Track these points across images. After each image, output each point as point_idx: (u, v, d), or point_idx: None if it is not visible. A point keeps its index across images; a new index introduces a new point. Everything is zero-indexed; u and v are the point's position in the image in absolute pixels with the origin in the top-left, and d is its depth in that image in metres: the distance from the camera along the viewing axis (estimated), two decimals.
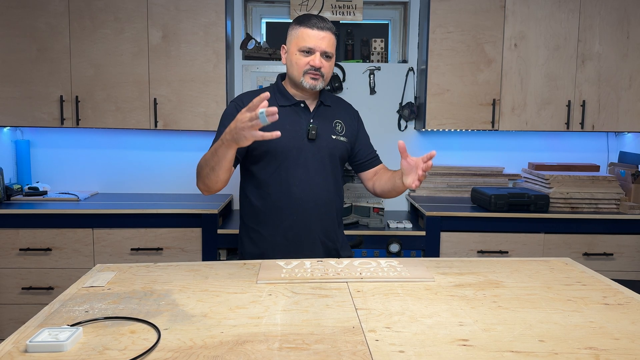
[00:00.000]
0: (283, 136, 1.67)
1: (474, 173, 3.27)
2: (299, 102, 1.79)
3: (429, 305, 1.27)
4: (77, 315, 1.18)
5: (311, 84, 1.73)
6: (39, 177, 3.23)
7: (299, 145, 1.75)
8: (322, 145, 1.78)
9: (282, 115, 1.72)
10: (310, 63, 1.72)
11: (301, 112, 1.79)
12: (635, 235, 2.80)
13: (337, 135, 1.82)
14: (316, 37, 1.71)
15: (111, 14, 2.87)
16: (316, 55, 1.72)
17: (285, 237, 1.78)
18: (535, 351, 1.03)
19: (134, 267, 1.56)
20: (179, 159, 3.27)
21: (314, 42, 1.71)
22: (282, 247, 1.78)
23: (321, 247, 1.81)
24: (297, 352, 1.02)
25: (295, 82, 1.76)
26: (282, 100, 1.79)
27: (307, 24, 1.72)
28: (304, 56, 1.72)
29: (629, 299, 1.33)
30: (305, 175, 1.76)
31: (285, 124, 1.73)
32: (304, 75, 1.73)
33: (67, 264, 2.72)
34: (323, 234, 1.82)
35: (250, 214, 1.83)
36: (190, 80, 2.93)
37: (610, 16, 2.93)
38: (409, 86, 3.26)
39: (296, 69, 1.74)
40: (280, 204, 1.76)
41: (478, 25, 2.95)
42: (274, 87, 1.84)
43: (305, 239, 1.79)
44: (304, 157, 1.76)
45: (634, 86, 2.97)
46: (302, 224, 1.77)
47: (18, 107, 2.89)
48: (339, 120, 1.85)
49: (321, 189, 1.78)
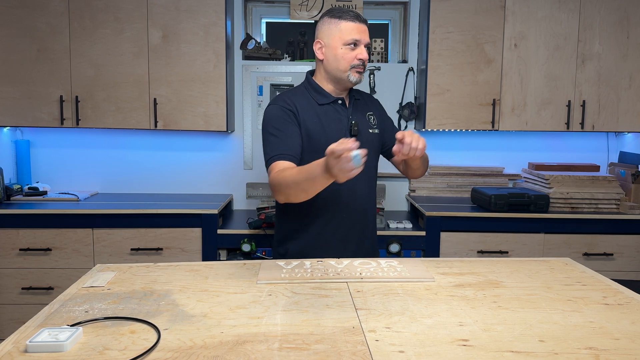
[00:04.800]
0: (329, 134, 1.71)
1: (474, 173, 3.27)
2: (336, 99, 1.78)
3: (429, 305, 1.27)
4: (77, 315, 1.18)
5: (357, 78, 1.72)
6: (39, 177, 3.23)
7: None
8: (363, 141, 1.74)
9: (323, 114, 1.75)
10: (358, 57, 1.70)
11: (340, 108, 1.78)
12: (635, 235, 2.80)
13: (372, 128, 1.83)
14: (359, 29, 1.70)
15: (111, 14, 2.87)
16: (362, 48, 1.71)
17: (334, 234, 1.78)
18: (535, 351, 1.03)
19: (134, 267, 1.56)
20: (179, 159, 3.27)
21: (359, 35, 1.70)
22: (330, 244, 1.78)
23: (367, 241, 1.85)
24: (297, 352, 1.02)
25: (339, 77, 1.73)
26: (320, 98, 1.76)
27: (348, 18, 1.70)
28: (351, 49, 1.70)
29: (629, 299, 1.33)
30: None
31: (330, 121, 1.74)
32: (351, 69, 1.71)
33: (67, 264, 2.72)
34: (368, 230, 1.85)
35: (299, 213, 1.78)
36: (190, 80, 2.93)
37: (610, 16, 2.93)
38: (409, 86, 3.26)
39: (342, 63, 1.71)
40: (330, 202, 1.76)
41: (478, 25, 2.95)
42: (307, 84, 1.81)
43: (352, 236, 1.80)
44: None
45: (634, 86, 2.97)
46: (350, 220, 1.79)
47: (18, 107, 2.89)
48: (370, 112, 1.85)
49: (366, 184, 1.80)
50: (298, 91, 1.80)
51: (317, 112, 1.75)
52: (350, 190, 1.76)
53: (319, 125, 1.72)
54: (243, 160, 3.28)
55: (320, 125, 1.72)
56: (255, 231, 2.69)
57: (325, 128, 1.73)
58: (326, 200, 1.75)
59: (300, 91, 1.80)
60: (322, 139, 1.69)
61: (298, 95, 1.78)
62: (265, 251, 2.68)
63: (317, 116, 1.74)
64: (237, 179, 3.29)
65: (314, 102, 1.76)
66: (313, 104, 1.76)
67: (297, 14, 3.20)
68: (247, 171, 3.28)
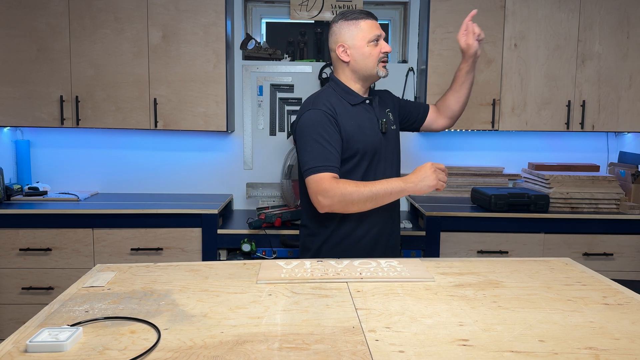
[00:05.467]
0: (366, 134, 1.77)
1: (474, 173, 3.27)
2: (364, 99, 1.83)
3: (429, 305, 1.27)
4: (77, 315, 1.18)
5: (384, 72, 1.80)
6: (39, 177, 3.23)
7: (378, 140, 1.80)
8: (391, 137, 1.85)
9: (357, 114, 1.79)
10: (383, 50, 1.77)
11: (369, 108, 1.83)
12: (635, 235, 2.79)
13: (392, 124, 1.88)
14: (377, 25, 1.79)
15: (111, 14, 2.87)
16: (383, 41, 1.78)
17: (368, 232, 1.81)
18: (535, 351, 1.03)
19: (134, 267, 1.56)
20: (179, 159, 3.27)
21: (379, 30, 1.78)
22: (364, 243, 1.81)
23: (395, 239, 1.89)
24: (297, 352, 1.02)
25: (368, 74, 1.79)
26: (351, 99, 1.81)
27: (364, 17, 1.78)
28: (375, 45, 1.77)
29: (629, 299, 1.33)
30: (389, 170, 1.83)
31: (364, 122, 1.78)
32: (379, 64, 1.78)
33: (67, 264, 2.72)
34: (397, 228, 1.91)
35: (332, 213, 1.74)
36: (190, 80, 2.93)
37: (610, 16, 2.93)
38: (409, 86, 3.26)
39: (371, 60, 1.77)
40: None
41: (478, 25, 2.93)
42: (335, 86, 1.83)
43: (384, 234, 1.84)
44: (385, 152, 1.82)
45: (634, 86, 2.97)
46: (384, 219, 1.83)
47: (18, 107, 2.89)
48: (388, 109, 1.91)
49: None
50: (328, 93, 1.81)
51: (352, 113, 1.79)
52: None
53: (355, 126, 1.76)
54: (243, 160, 3.28)
55: (357, 126, 1.77)
56: (255, 231, 2.69)
57: (362, 128, 1.78)
58: None
59: (331, 93, 1.81)
60: (360, 138, 1.75)
61: (331, 97, 1.79)
62: (265, 251, 2.68)
63: (353, 117, 1.77)
64: (237, 179, 3.29)
65: (346, 103, 1.79)
66: (346, 105, 1.79)
67: (297, 14, 3.20)
68: (247, 171, 3.28)
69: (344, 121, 1.74)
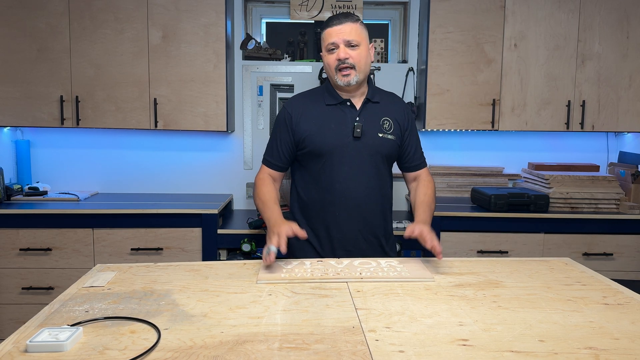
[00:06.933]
0: (328, 135, 1.77)
1: (474, 173, 3.27)
2: (345, 101, 1.82)
3: (429, 305, 1.27)
4: (77, 315, 1.18)
5: (343, 81, 1.75)
6: (39, 177, 3.23)
7: (343, 143, 1.78)
8: (367, 143, 1.79)
9: (329, 115, 1.81)
10: (335, 57, 1.75)
11: (347, 110, 1.81)
12: (635, 235, 2.80)
13: (384, 133, 1.82)
14: (337, 31, 1.75)
15: (111, 14, 2.87)
16: (340, 48, 1.74)
17: (328, 233, 1.82)
18: (535, 351, 1.03)
19: (134, 267, 1.56)
20: (179, 159, 3.27)
21: (336, 37, 1.75)
22: (326, 242, 1.83)
23: (365, 243, 1.84)
24: (297, 352, 1.02)
25: (334, 84, 1.81)
26: (329, 99, 1.83)
27: (328, 24, 1.78)
28: (332, 54, 1.76)
29: (629, 299, 1.33)
30: (349, 173, 1.79)
31: (330, 122, 1.79)
32: (337, 73, 1.76)
33: (67, 264, 2.72)
34: (367, 231, 1.84)
35: (298, 207, 1.90)
36: (190, 80, 2.93)
37: (610, 16, 2.93)
38: (409, 86, 3.26)
39: (329, 69, 1.79)
40: (324, 201, 1.81)
41: (478, 25, 2.95)
42: (324, 86, 1.88)
43: (348, 236, 1.82)
44: (349, 155, 1.78)
45: (634, 86, 2.97)
46: (345, 221, 1.81)
47: (18, 107, 2.89)
48: (387, 117, 1.84)
49: (364, 186, 1.81)
50: (314, 91, 1.90)
51: (321, 112, 1.81)
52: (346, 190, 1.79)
53: (316, 127, 1.79)
54: (243, 160, 3.29)
55: (318, 127, 1.79)
56: (255, 231, 2.69)
57: (324, 129, 1.78)
58: (322, 200, 1.82)
59: (316, 91, 1.89)
60: (316, 139, 1.78)
61: (311, 95, 1.88)
62: None
63: (318, 118, 1.80)
64: (237, 179, 3.29)
65: (322, 102, 1.82)
66: (321, 104, 1.82)
67: (297, 14, 3.20)
68: (247, 171, 3.28)
69: (304, 121, 1.80)
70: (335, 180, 1.79)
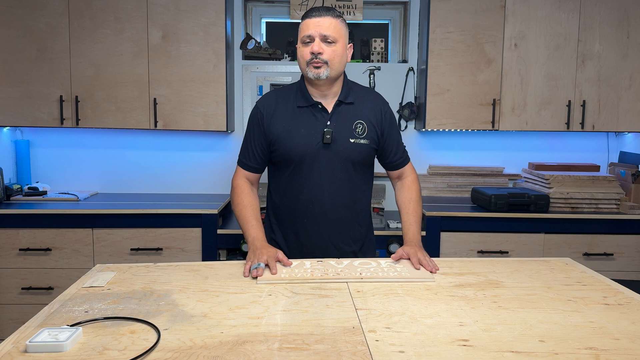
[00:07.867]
0: (298, 141, 1.70)
1: (474, 173, 3.27)
2: (316, 104, 1.72)
3: (429, 306, 1.27)
4: (77, 316, 1.18)
5: (314, 73, 1.65)
6: (38, 177, 3.23)
7: (313, 150, 1.70)
8: (338, 150, 1.71)
9: (299, 118, 1.72)
10: (309, 50, 1.65)
11: (318, 113, 1.72)
12: (635, 235, 2.80)
13: (356, 138, 1.72)
14: (315, 23, 1.65)
15: (111, 14, 2.86)
16: (315, 41, 1.64)
17: (297, 238, 1.79)
18: (535, 351, 1.03)
19: (133, 267, 1.56)
20: (179, 159, 3.27)
21: (313, 29, 1.64)
22: (295, 246, 1.80)
23: (335, 250, 1.78)
24: (297, 352, 1.01)
25: (305, 76, 1.71)
26: (300, 101, 1.73)
27: (307, 15, 1.68)
28: (306, 46, 1.66)
29: (629, 299, 1.33)
30: (318, 180, 1.72)
31: (300, 128, 1.71)
32: (308, 65, 1.65)
33: (67, 264, 2.72)
34: (336, 239, 1.78)
35: (272, 209, 1.87)
36: (190, 80, 2.93)
37: (610, 16, 2.93)
38: (409, 86, 3.26)
39: (301, 61, 1.68)
40: (293, 207, 1.77)
41: (478, 25, 2.95)
42: (297, 85, 1.78)
43: (317, 242, 1.77)
44: (319, 162, 1.71)
45: (634, 86, 2.97)
46: (313, 227, 1.76)
47: (18, 107, 2.89)
48: (360, 120, 1.74)
49: (335, 194, 1.74)
50: (287, 90, 1.79)
51: (292, 115, 1.73)
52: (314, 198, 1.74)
53: (285, 131, 1.71)
54: None
55: (287, 131, 1.71)
56: None
57: (293, 133, 1.71)
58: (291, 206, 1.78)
59: (289, 89, 1.79)
60: (285, 143, 1.70)
61: (283, 94, 1.78)
62: None
63: (287, 121, 1.72)
64: None
65: (294, 104, 1.74)
66: (292, 106, 1.74)
67: (297, 14, 3.20)
68: None
69: (274, 122, 1.72)
70: (304, 186, 1.73)
